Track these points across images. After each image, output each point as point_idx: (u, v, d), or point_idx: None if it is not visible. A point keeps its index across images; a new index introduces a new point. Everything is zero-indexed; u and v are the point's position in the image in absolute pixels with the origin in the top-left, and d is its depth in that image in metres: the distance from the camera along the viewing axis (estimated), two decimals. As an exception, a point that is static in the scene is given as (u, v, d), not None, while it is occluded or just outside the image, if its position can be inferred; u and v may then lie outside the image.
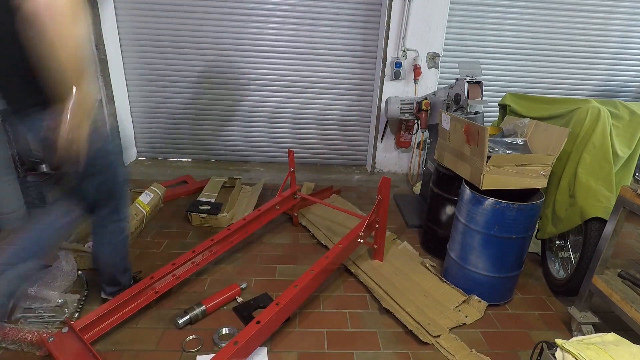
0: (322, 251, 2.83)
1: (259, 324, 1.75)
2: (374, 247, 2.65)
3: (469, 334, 2.12)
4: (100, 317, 1.84)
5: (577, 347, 1.35)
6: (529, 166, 2.16)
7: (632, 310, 1.77)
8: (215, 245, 2.43)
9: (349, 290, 2.44)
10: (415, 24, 3.80)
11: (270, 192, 3.70)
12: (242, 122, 4.36)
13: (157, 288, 2.12)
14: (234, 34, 3.98)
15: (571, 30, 4.14)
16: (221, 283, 2.43)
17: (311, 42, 4.06)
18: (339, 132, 4.47)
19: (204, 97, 4.23)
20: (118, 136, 1.73)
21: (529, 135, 2.42)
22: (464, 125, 2.27)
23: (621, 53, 4.29)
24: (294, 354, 1.95)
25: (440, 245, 2.67)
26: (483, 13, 4.02)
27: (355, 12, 3.97)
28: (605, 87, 4.44)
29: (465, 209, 2.26)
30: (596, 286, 1.98)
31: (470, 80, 2.81)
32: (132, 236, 2.76)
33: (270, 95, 4.26)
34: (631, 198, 1.79)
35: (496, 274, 2.26)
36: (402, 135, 4.14)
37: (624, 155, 2.42)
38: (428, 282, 2.47)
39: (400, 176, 4.40)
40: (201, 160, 4.51)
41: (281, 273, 2.58)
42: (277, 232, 3.08)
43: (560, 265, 2.59)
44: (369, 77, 4.24)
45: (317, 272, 2.07)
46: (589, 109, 2.32)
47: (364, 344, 2.03)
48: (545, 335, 2.15)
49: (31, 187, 3.12)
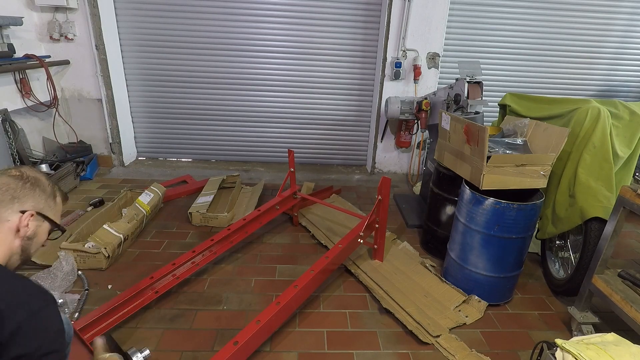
0: (322, 251, 2.83)
1: (259, 323, 1.75)
2: (374, 247, 2.65)
3: (469, 334, 2.12)
4: (100, 317, 1.84)
5: (577, 347, 1.35)
6: (529, 166, 2.16)
7: (632, 310, 1.77)
8: (215, 245, 2.43)
9: (349, 290, 2.44)
10: (415, 24, 3.80)
11: (270, 192, 3.70)
12: (242, 122, 4.36)
13: (157, 288, 2.12)
14: (234, 34, 3.98)
15: (571, 30, 4.14)
16: (221, 283, 2.43)
17: (311, 42, 4.05)
18: (339, 132, 4.47)
19: (203, 97, 4.23)
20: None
21: (529, 135, 2.42)
22: (464, 125, 2.26)
23: (621, 53, 4.29)
24: (294, 354, 1.95)
25: (440, 245, 2.67)
26: (483, 13, 4.02)
27: (355, 12, 3.97)
28: (605, 87, 4.44)
29: (465, 209, 2.26)
30: (596, 286, 1.98)
31: (470, 80, 2.80)
32: (132, 236, 2.76)
33: (270, 95, 4.26)
34: (631, 198, 1.79)
35: (496, 274, 2.26)
36: (402, 135, 4.14)
37: (624, 155, 2.42)
38: (428, 282, 2.47)
39: (400, 176, 4.40)
40: (201, 160, 4.51)
41: (281, 273, 2.58)
42: (277, 232, 3.08)
43: (560, 265, 2.59)
44: (369, 77, 4.24)
45: (317, 272, 2.07)
46: (589, 109, 2.32)
47: (364, 344, 2.03)
48: (545, 335, 2.15)
49: (31, 187, 3.11)
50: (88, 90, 3.90)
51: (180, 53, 4.02)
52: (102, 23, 3.64)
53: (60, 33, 3.62)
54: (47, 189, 1.22)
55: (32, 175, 1.20)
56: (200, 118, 4.32)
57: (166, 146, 4.46)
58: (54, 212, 1.25)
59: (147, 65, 4.07)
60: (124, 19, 3.87)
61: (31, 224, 1.16)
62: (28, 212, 1.16)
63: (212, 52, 4.04)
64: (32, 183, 1.19)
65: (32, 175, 1.20)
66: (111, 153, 4.15)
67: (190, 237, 2.95)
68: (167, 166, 4.33)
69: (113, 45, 3.85)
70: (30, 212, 1.16)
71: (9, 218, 1.13)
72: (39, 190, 1.20)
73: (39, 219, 1.19)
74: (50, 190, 1.24)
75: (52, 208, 1.24)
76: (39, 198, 1.20)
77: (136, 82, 4.14)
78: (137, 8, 3.84)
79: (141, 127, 4.36)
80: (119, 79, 4.01)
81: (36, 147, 3.70)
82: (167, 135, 4.40)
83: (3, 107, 3.24)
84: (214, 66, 4.10)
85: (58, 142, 3.87)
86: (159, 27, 3.92)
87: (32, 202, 1.18)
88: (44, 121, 3.80)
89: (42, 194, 1.21)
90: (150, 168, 4.24)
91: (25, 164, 3.35)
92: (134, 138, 4.38)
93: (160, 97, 4.21)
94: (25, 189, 1.17)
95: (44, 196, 1.22)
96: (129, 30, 3.92)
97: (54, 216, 1.24)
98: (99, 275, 2.43)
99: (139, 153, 4.49)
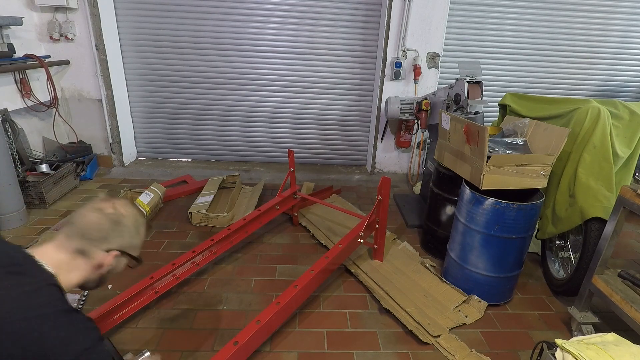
0: (322, 251, 2.83)
1: (259, 323, 1.75)
2: (374, 247, 2.65)
3: (469, 334, 2.12)
4: (100, 317, 1.84)
5: (577, 347, 1.35)
6: (529, 166, 2.16)
7: (632, 310, 1.77)
8: (216, 245, 2.43)
9: (349, 290, 2.44)
10: (415, 24, 3.80)
11: (270, 192, 3.70)
12: (242, 122, 4.36)
13: (157, 288, 2.12)
14: (234, 34, 3.98)
15: (571, 30, 4.14)
16: (221, 283, 2.43)
17: (311, 42, 4.06)
18: (339, 132, 4.47)
19: (203, 97, 4.23)
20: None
21: (529, 135, 2.42)
22: (464, 125, 2.26)
23: (621, 53, 4.29)
24: (294, 354, 1.95)
25: (440, 245, 2.67)
26: (483, 13, 4.02)
27: (355, 12, 3.97)
28: (605, 87, 4.44)
29: (465, 209, 2.26)
30: (596, 286, 1.98)
31: (470, 80, 2.80)
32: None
33: (270, 95, 4.26)
34: (631, 198, 1.79)
35: (496, 274, 2.26)
36: (402, 135, 4.14)
37: (624, 155, 2.42)
38: (428, 282, 2.47)
39: (400, 176, 4.40)
40: (201, 160, 4.51)
41: (281, 273, 2.58)
42: (277, 232, 3.08)
43: (560, 265, 2.59)
44: (369, 77, 4.24)
45: (317, 272, 2.07)
46: (589, 109, 2.32)
47: (364, 344, 2.03)
48: (545, 335, 2.15)
49: (31, 187, 3.12)
50: (88, 90, 3.90)
51: (180, 53, 4.02)
52: (102, 23, 3.64)
53: (60, 33, 3.62)
54: (133, 226, 1.24)
55: (124, 213, 1.22)
56: (200, 118, 4.32)
57: (166, 146, 4.46)
58: (137, 246, 1.28)
59: (147, 65, 4.07)
60: (124, 19, 3.88)
61: (113, 261, 1.21)
62: (113, 252, 1.19)
63: (212, 52, 4.04)
64: (122, 224, 1.21)
65: (123, 213, 1.22)
66: (111, 153, 4.15)
67: (190, 237, 2.95)
68: (167, 166, 4.33)
69: (113, 45, 3.85)
70: (115, 253, 1.20)
71: (95, 256, 1.17)
72: (127, 229, 1.22)
73: (121, 257, 1.23)
74: (135, 226, 1.25)
75: (135, 244, 1.27)
76: (126, 237, 1.23)
77: (136, 82, 4.14)
78: (137, 8, 3.84)
79: (141, 127, 4.36)
80: (119, 79, 4.01)
81: (36, 147, 3.70)
82: (167, 135, 4.40)
83: (3, 107, 3.24)
84: (214, 66, 4.10)
85: (58, 142, 3.88)
86: (159, 27, 3.92)
87: (119, 242, 1.21)
88: (44, 121, 3.80)
89: (128, 232, 1.23)
90: (150, 168, 4.24)
91: (25, 164, 3.36)
92: (134, 138, 4.38)
93: (160, 97, 4.21)
94: (115, 230, 1.20)
95: (130, 234, 1.24)
96: (129, 30, 3.92)
97: (135, 251, 1.27)
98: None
99: (139, 153, 4.49)
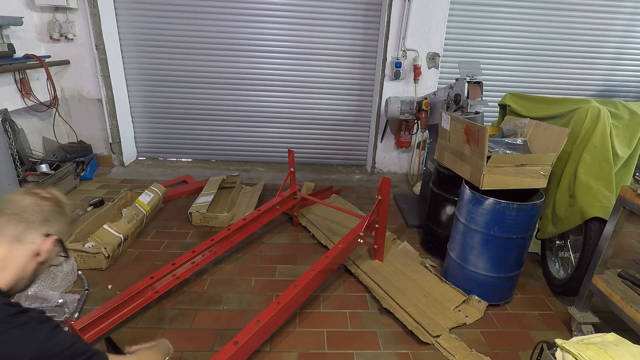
0: (322, 251, 2.83)
1: (259, 323, 1.75)
2: (374, 247, 2.65)
3: (469, 334, 2.12)
4: (100, 317, 1.84)
5: (577, 347, 1.35)
6: (529, 166, 2.16)
7: (632, 310, 1.77)
8: (216, 245, 2.43)
9: (349, 290, 2.44)
10: (415, 24, 3.80)
11: (270, 192, 3.70)
12: (242, 122, 4.36)
13: (157, 288, 2.12)
14: (234, 34, 3.98)
15: (571, 30, 4.14)
16: (221, 283, 2.43)
17: (311, 42, 4.05)
18: (339, 132, 4.47)
19: (203, 97, 4.23)
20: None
21: (529, 135, 2.42)
22: (464, 125, 2.26)
23: (621, 53, 4.29)
24: (294, 354, 1.95)
25: (440, 245, 2.67)
26: (483, 13, 4.02)
27: (355, 12, 3.97)
28: (605, 87, 4.44)
29: (465, 209, 2.26)
30: (596, 286, 1.98)
31: (470, 80, 2.80)
32: (132, 236, 2.76)
33: (270, 95, 4.26)
34: (631, 198, 1.79)
35: (496, 274, 2.26)
36: (402, 135, 4.14)
37: (624, 155, 2.42)
38: (428, 282, 2.47)
39: (400, 176, 4.40)
40: (201, 160, 4.51)
41: (281, 273, 2.58)
42: (277, 232, 3.08)
43: (560, 265, 2.59)
44: (369, 77, 4.24)
45: (317, 272, 2.07)
46: (589, 109, 2.32)
47: (364, 344, 2.03)
48: (545, 335, 2.15)
49: (31, 187, 3.11)
50: (88, 90, 3.90)
51: (180, 53, 4.02)
52: (102, 23, 3.64)
53: (60, 33, 3.62)
54: (69, 214, 1.21)
55: (61, 200, 1.19)
56: (200, 118, 4.32)
57: (166, 146, 4.45)
58: (68, 238, 1.24)
59: (147, 65, 4.07)
60: (124, 19, 3.87)
61: (50, 250, 1.14)
62: (53, 237, 1.14)
63: (212, 52, 4.04)
64: (63, 208, 1.17)
65: (61, 200, 1.18)
66: (111, 153, 4.15)
67: (190, 237, 2.95)
68: (167, 166, 4.33)
69: (113, 45, 3.85)
70: (55, 237, 1.14)
71: (34, 240, 1.11)
72: (65, 215, 1.19)
73: (57, 245, 1.17)
74: (71, 216, 1.22)
75: (68, 234, 1.22)
76: (64, 224, 1.19)
77: (136, 82, 4.14)
78: (137, 8, 3.84)
79: (141, 127, 4.35)
80: (119, 79, 4.00)
81: (36, 147, 3.70)
82: (167, 135, 4.40)
83: (3, 107, 3.24)
84: (214, 66, 4.10)
85: (58, 142, 3.87)
86: (159, 27, 3.92)
87: (57, 227, 1.16)
88: (44, 121, 3.80)
89: (66, 219, 1.19)
90: (150, 168, 4.24)
91: (25, 164, 3.35)
92: (134, 138, 4.38)
93: (160, 97, 4.21)
94: (55, 213, 1.15)
95: (67, 222, 1.20)
96: (129, 30, 3.92)
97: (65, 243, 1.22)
98: (99, 275, 2.43)
99: (139, 153, 4.49)
